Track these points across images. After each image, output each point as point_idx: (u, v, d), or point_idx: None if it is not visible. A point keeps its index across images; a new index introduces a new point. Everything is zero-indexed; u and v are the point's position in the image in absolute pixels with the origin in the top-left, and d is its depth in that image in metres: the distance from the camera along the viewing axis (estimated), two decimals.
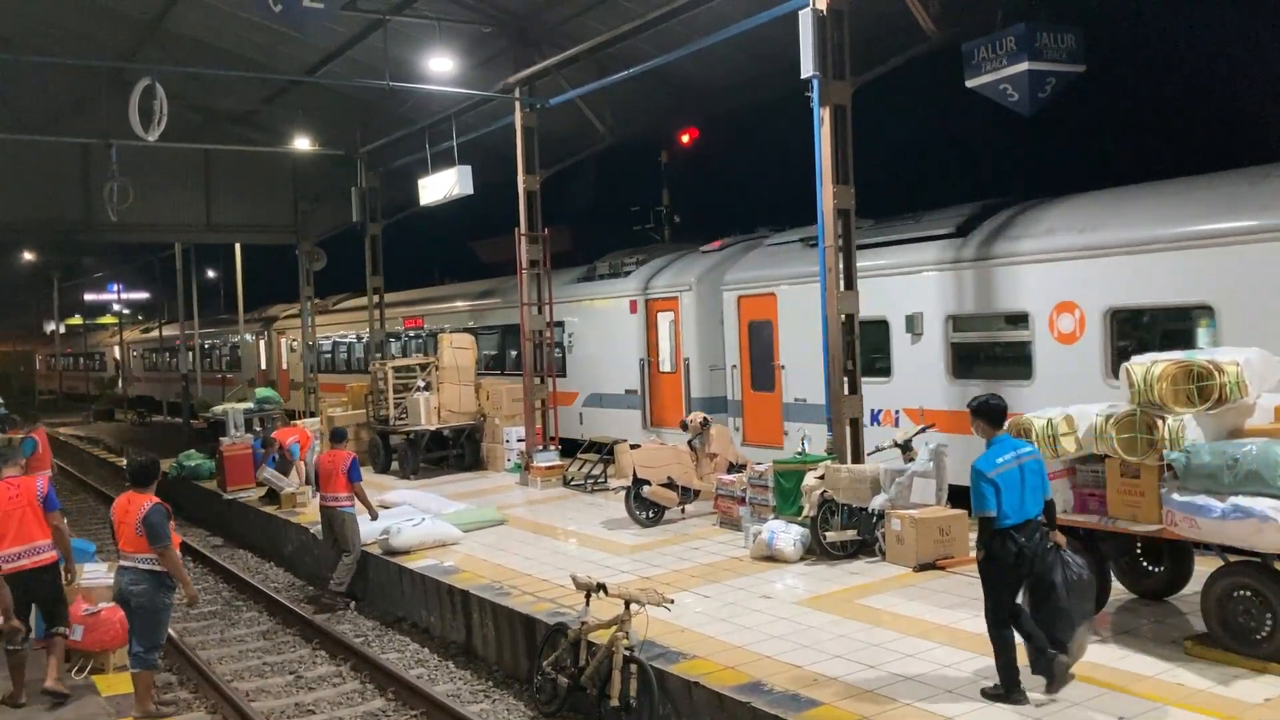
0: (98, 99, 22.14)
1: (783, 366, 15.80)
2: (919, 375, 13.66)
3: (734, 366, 16.84)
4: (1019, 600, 7.22)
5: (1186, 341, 10.75)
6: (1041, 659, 7.05)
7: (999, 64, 12.18)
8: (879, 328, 13.98)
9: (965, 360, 13.34)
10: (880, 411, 14.07)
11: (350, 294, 32.19)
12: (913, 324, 13.73)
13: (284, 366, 34.85)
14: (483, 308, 24.81)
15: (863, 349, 12.48)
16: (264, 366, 36.79)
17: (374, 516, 13.27)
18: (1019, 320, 12.57)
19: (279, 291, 39.45)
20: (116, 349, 57.14)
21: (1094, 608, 7.50)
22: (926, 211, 14.63)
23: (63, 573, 9.12)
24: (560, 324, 20.42)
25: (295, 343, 32.15)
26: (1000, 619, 7.13)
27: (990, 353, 13.32)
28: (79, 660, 9.64)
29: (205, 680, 10.20)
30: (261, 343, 37.07)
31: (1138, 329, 11.55)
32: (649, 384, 18.62)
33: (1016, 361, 12.70)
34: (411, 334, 27.73)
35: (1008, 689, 7.08)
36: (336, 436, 13.79)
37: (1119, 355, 11.08)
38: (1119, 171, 12.70)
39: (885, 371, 14.11)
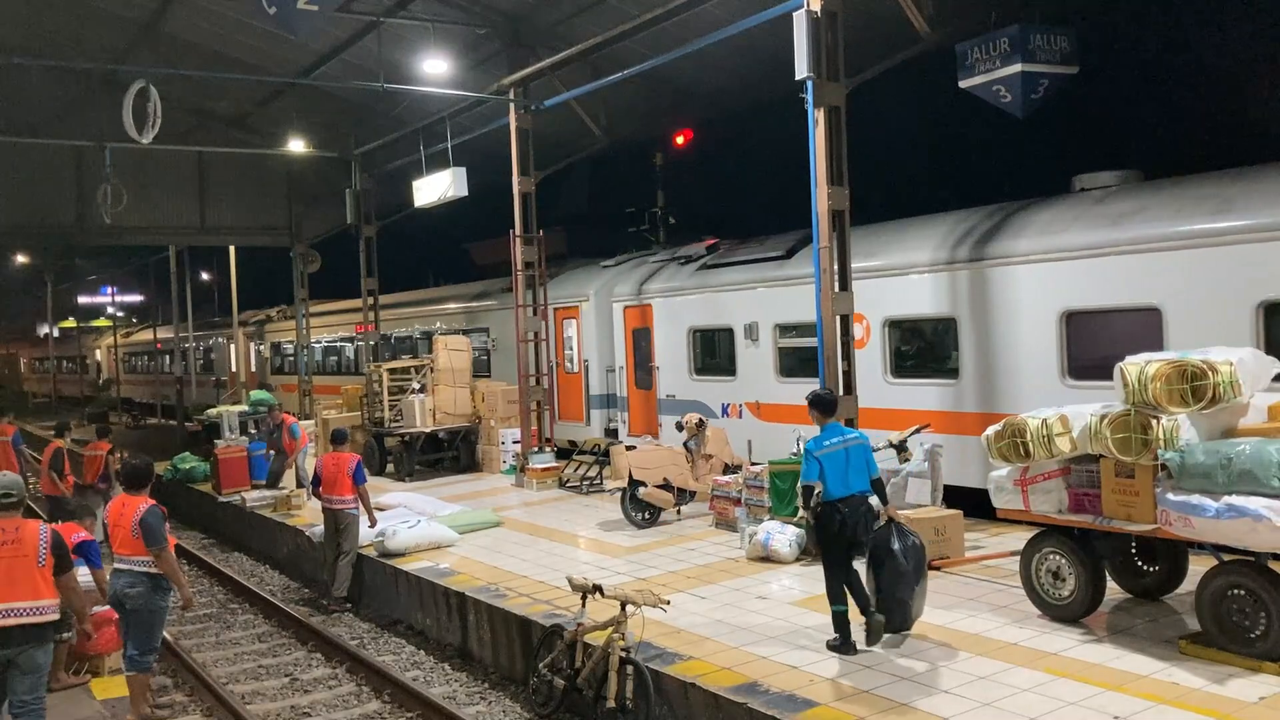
0: (91, 101, 22.17)
1: (658, 367, 18.11)
2: (756, 375, 16.09)
3: (620, 368, 19.39)
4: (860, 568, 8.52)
5: (940, 344, 13.69)
6: (868, 614, 8.32)
7: (992, 65, 12.24)
8: (727, 334, 16.58)
9: (789, 362, 15.67)
10: (728, 405, 16.55)
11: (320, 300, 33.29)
12: (750, 331, 16.13)
13: (251, 369, 37.11)
14: (427, 313, 27.12)
15: (716, 352, 15.32)
16: (234, 369, 38.65)
17: (373, 523, 13.20)
18: None
19: (274, 294, 39.48)
20: (98, 352, 58.51)
21: (925, 570, 8.68)
22: (770, 235, 17.01)
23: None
24: (485, 330, 23.40)
25: (262, 346, 35.82)
26: (836, 578, 8.35)
27: (806, 355, 14.93)
28: (74, 664, 9.62)
29: (201, 683, 10.18)
30: (231, 346, 38.91)
31: (907, 335, 14.05)
32: (556, 383, 20.40)
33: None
34: (360, 339, 28.75)
35: (843, 640, 8.30)
36: (337, 438, 13.57)
37: (896, 356, 13.95)
38: (1113, 166, 12.64)
39: (731, 372, 16.53)
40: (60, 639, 8.77)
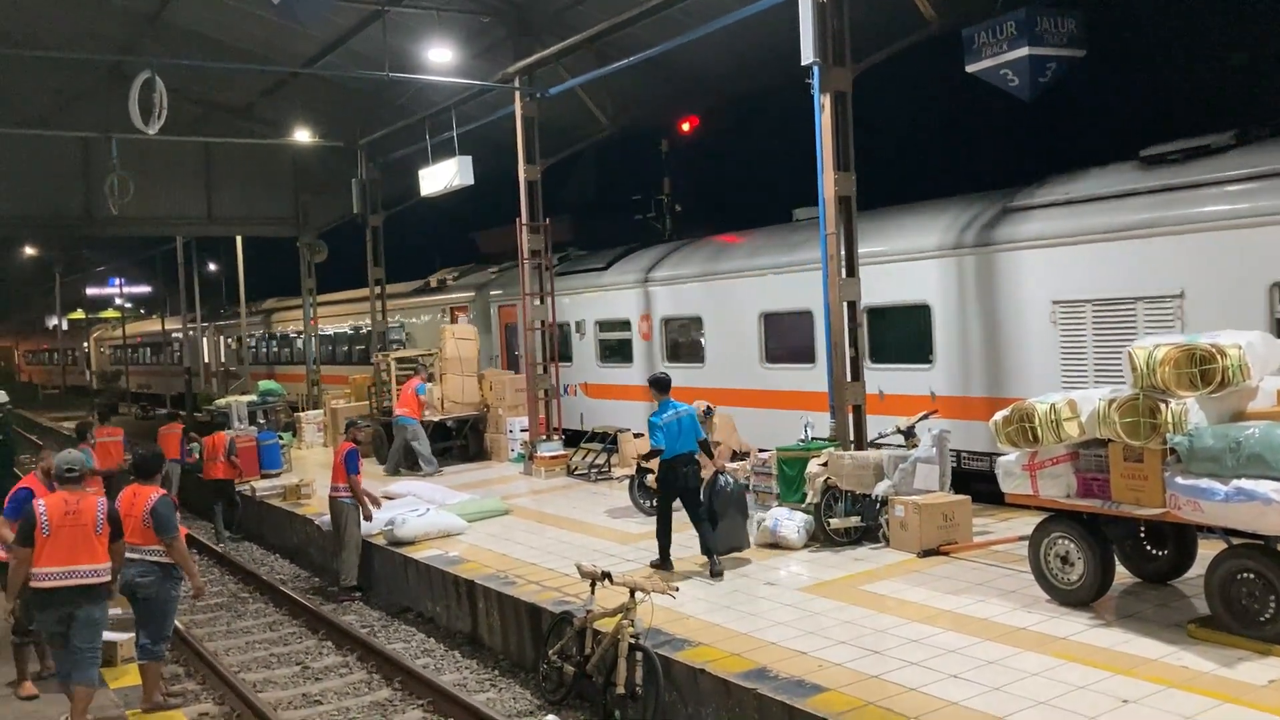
0: (97, 93, 22.16)
1: (519, 355, 20.40)
2: (585, 362, 20.46)
3: (495, 356, 23.17)
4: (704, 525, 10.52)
5: (694, 339, 17.90)
6: (709, 551, 10.44)
7: (999, 49, 12.15)
8: (564, 329, 20.50)
9: (607, 351, 20.14)
10: (568, 385, 20.35)
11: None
12: (579, 327, 20.57)
13: (222, 360, 41.46)
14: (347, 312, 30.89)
15: (562, 344, 19.76)
16: (206, 360, 42.61)
17: (367, 515, 13.16)
18: (624, 325, 19.53)
19: (281, 285, 39.51)
20: (87, 344, 61.88)
21: (745, 505, 10.96)
22: (599, 250, 22.05)
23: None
24: (401, 325, 27.22)
25: (231, 340, 39.84)
26: (665, 518, 10.73)
27: (615, 346, 19.93)
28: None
29: (213, 672, 10.25)
30: (205, 339, 42.93)
31: (677, 330, 18.46)
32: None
33: (625, 352, 19.57)
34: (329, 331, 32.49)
35: (663, 561, 10.68)
36: (346, 427, 14.04)
37: (672, 346, 18.44)
38: (1121, 151, 12.58)
39: (568, 359, 20.55)
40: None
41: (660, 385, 10.90)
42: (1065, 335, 12.08)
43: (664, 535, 10.75)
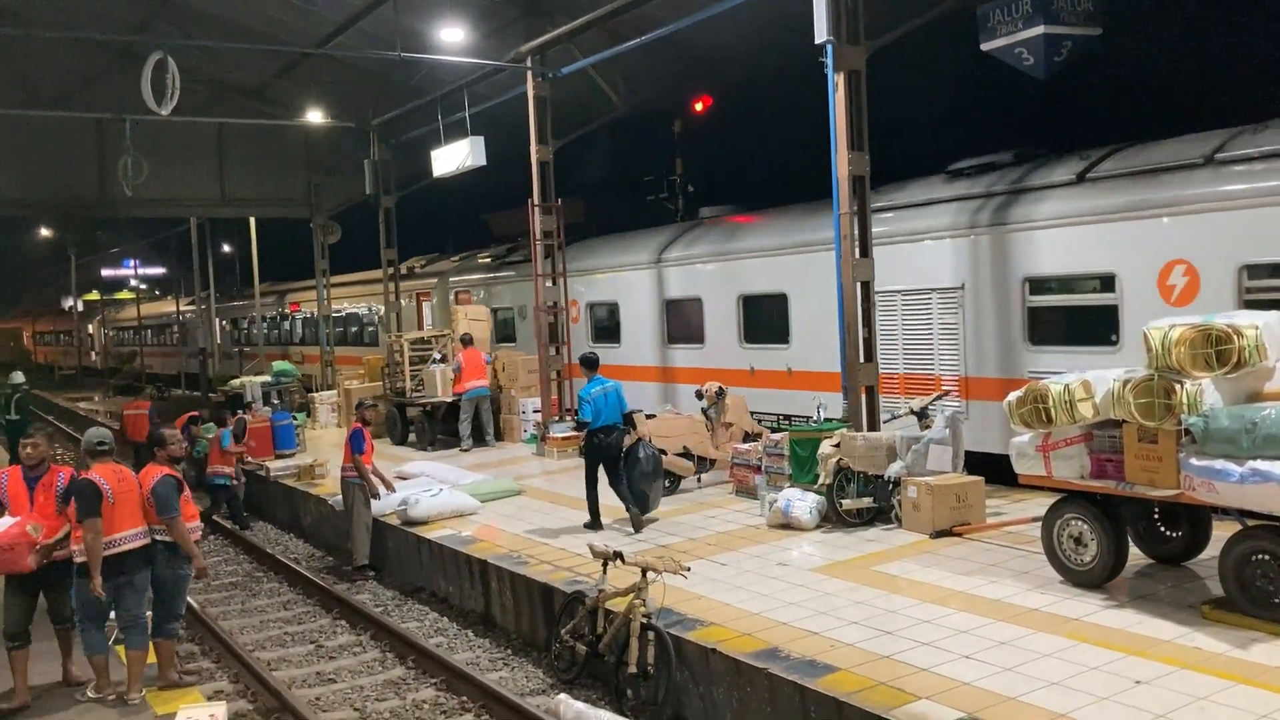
0: (111, 74, 22.18)
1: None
2: (529, 342, 20.66)
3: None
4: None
5: (611, 322, 20.59)
6: (630, 512, 11.65)
7: (1014, 27, 12.06)
8: (508, 310, 23.52)
9: (504, 331, 23.41)
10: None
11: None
12: (523, 311, 22.44)
13: (218, 342, 44.54)
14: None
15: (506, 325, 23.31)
16: (219, 342, 45.83)
17: (374, 493, 13.19)
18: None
19: (294, 266, 39.62)
20: (90, 326, 65.07)
21: (661, 471, 12.40)
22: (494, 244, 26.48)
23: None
24: (370, 308, 29.83)
25: (226, 322, 43.56)
26: (591, 482, 11.91)
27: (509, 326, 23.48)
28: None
29: (228, 650, 10.32)
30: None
31: (601, 316, 20.71)
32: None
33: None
34: (298, 316, 35.42)
35: (594, 522, 11.88)
36: (356, 407, 14.21)
37: (596, 327, 20.84)
38: (1138, 131, 12.52)
39: (513, 339, 23.10)
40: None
41: (589, 363, 12.27)
42: (884, 318, 13.85)
43: (593, 498, 11.92)
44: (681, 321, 18.67)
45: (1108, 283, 11.90)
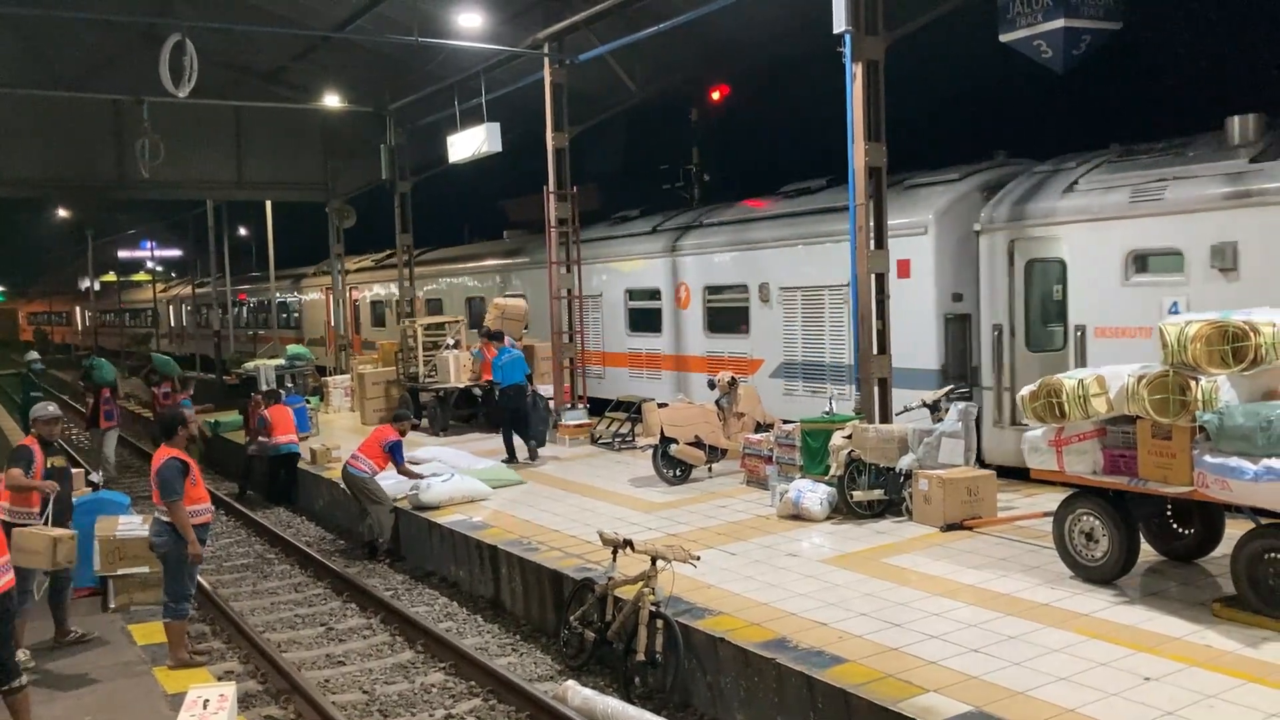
0: (129, 55, 22.20)
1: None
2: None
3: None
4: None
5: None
6: (528, 446, 15.56)
7: (1034, 19, 11.95)
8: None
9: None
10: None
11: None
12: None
13: (184, 324, 51.27)
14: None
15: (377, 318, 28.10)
16: (172, 325, 53.16)
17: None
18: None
19: (310, 250, 39.72)
20: (77, 309, 73.39)
21: (549, 417, 16.92)
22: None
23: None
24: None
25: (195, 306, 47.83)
26: (506, 427, 15.76)
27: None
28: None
29: (238, 631, 10.37)
30: (171, 308, 54.08)
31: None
32: (350, 339, 30.59)
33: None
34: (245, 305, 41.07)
35: (510, 458, 15.41)
36: (395, 418, 14.28)
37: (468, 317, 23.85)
38: (1153, 126, 12.46)
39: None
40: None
41: (495, 337, 16.72)
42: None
43: (509, 440, 15.66)
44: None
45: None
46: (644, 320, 19.54)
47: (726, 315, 17.61)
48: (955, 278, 13.40)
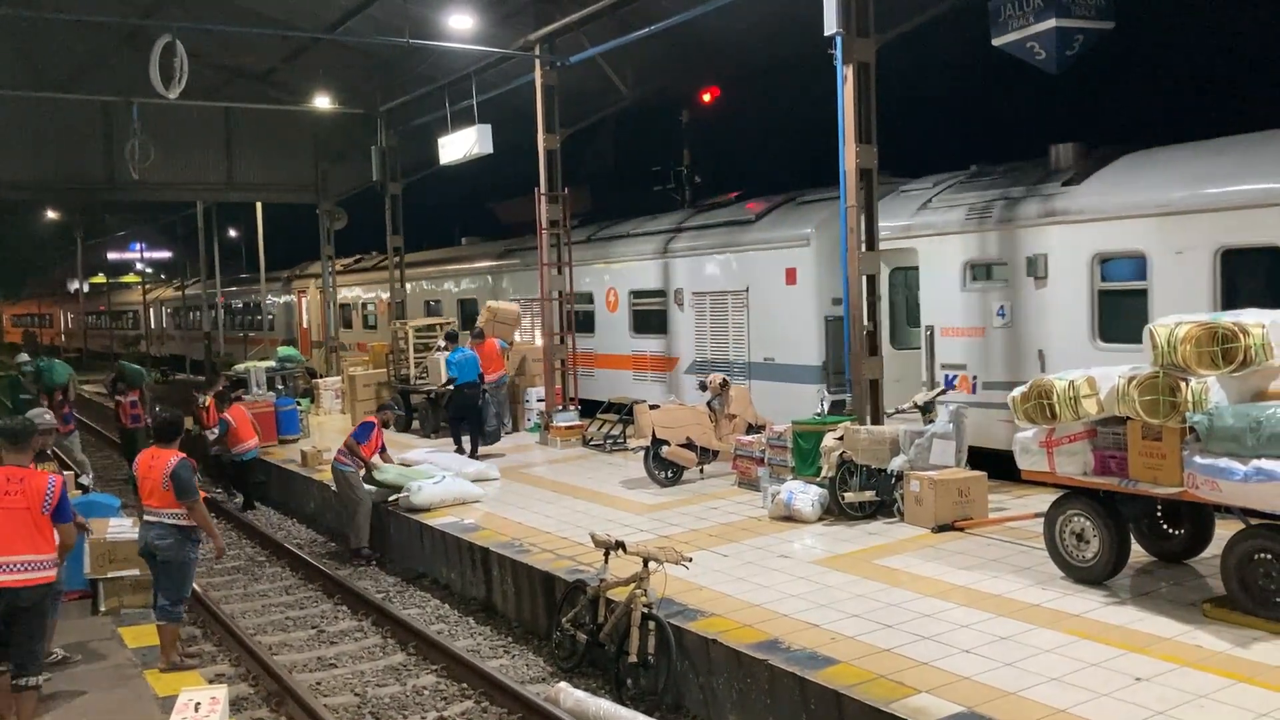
0: (119, 57, 22.15)
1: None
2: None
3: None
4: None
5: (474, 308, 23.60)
6: (474, 441, 16.46)
7: (1026, 21, 11.98)
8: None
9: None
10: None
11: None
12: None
13: (163, 325, 52.97)
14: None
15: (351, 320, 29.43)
16: (164, 326, 53.69)
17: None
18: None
19: (301, 251, 39.64)
20: (60, 312, 76.19)
21: (505, 412, 17.91)
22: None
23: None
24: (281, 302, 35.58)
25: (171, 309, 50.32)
26: (455, 424, 16.79)
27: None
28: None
29: (229, 634, 10.34)
30: (151, 311, 54.87)
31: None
32: (299, 338, 33.71)
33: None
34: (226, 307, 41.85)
35: (459, 449, 16.23)
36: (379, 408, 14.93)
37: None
38: (1149, 127, 12.56)
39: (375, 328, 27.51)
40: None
41: (452, 337, 17.76)
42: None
43: (456, 436, 16.64)
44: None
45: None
46: (582, 322, 20.46)
47: (649, 318, 19.44)
48: (834, 284, 14.04)
